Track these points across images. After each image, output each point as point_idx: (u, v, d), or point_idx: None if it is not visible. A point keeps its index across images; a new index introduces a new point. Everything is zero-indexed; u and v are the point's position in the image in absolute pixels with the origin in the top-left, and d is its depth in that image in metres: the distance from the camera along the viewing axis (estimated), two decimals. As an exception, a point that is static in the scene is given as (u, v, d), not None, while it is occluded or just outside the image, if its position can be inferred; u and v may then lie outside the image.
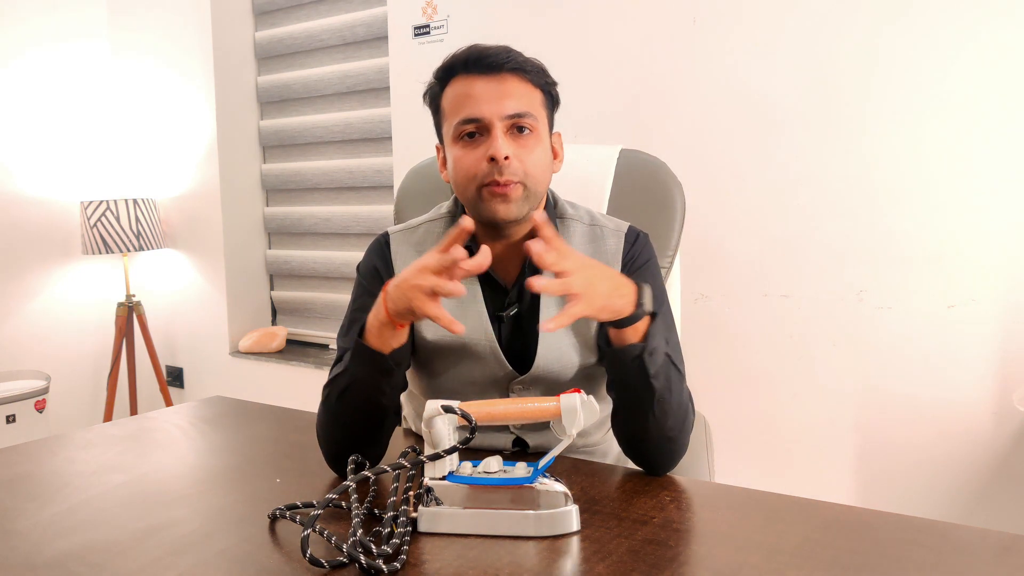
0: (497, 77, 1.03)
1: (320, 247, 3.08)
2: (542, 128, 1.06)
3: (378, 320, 0.96)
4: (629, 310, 0.94)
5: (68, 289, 3.19)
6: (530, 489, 0.82)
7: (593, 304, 0.90)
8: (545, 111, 1.07)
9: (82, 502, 0.94)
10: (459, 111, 1.03)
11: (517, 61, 1.03)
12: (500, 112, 1.01)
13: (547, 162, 1.07)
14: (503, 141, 1.01)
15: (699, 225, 1.93)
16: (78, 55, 3.19)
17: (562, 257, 0.89)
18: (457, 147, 1.04)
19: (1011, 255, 1.71)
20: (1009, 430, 1.74)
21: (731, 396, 2.03)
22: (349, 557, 0.75)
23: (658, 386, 0.96)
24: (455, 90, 1.05)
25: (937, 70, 1.75)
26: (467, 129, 1.03)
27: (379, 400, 0.99)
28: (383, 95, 2.80)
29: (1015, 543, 0.79)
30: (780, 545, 0.79)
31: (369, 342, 0.97)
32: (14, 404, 2.78)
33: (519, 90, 1.03)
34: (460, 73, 1.04)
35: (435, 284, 0.88)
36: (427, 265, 0.90)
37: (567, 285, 0.88)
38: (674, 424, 0.99)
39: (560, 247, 0.91)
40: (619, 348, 0.96)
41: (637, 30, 2.10)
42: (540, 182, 1.05)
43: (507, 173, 1.01)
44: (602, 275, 0.93)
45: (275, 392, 2.91)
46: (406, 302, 0.91)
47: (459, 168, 1.04)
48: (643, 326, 0.95)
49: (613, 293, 0.92)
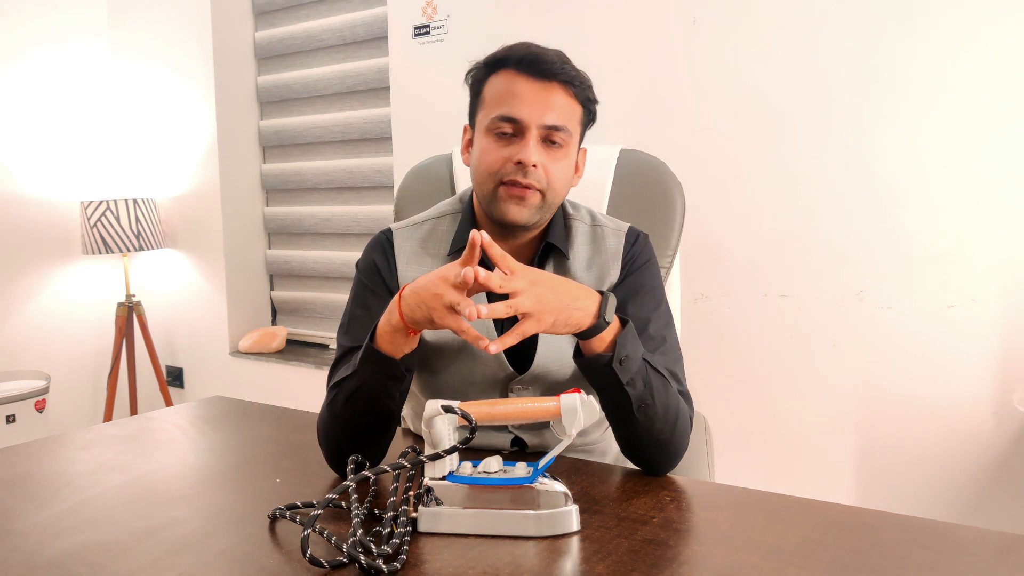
0: (546, 84, 1.02)
1: (320, 247, 3.08)
2: (573, 144, 1.06)
3: (391, 325, 0.94)
4: (588, 322, 0.93)
5: (68, 289, 3.19)
6: (530, 489, 0.82)
7: (544, 321, 0.90)
8: (580, 127, 1.08)
9: (82, 502, 0.94)
10: (500, 106, 1.03)
11: (569, 74, 1.03)
12: (539, 120, 1.01)
13: (569, 177, 1.08)
14: (535, 148, 1.01)
15: (699, 225, 1.93)
16: (78, 55, 3.19)
17: (509, 278, 0.89)
18: (488, 138, 1.04)
19: (1011, 255, 1.71)
20: (1009, 430, 1.74)
21: (731, 396, 2.03)
22: (349, 557, 0.75)
23: (634, 393, 0.95)
24: (501, 82, 1.04)
25: (937, 70, 1.75)
26: (503, 127, 1.03)
27: (387, 404, 0.98)
28: (383, 95, 2.80)
29: (1015, 543, 0.79)
30: (780, 545, 0.79)
31: (380, 347, 0.95)
32: (14, 404, 2.78)
33: (562, 102, 1.03)
34: (510, 68, 1.04)
35: (456, 300, 0.88)
36: (447, 277, 0.89)
37: (515, 306, 0.88)
38: (663, 428, 0.98)
39: (509, 265, 0.91)
40: (588, 358, 0.96)
41: (637, 30, 2.10)
42: (559, 195, 1.06)
43: (531, 178, 1.01)
44: (556, 289, 0.92)
45: (275, 392, 2.91)
46: (425, 312, 0.90)
47: (484, 160, 1.04)
48: (610, 335, 0.95)
49: (568, 307, 0.91)
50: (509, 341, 0.88)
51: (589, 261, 1.11)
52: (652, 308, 1.08)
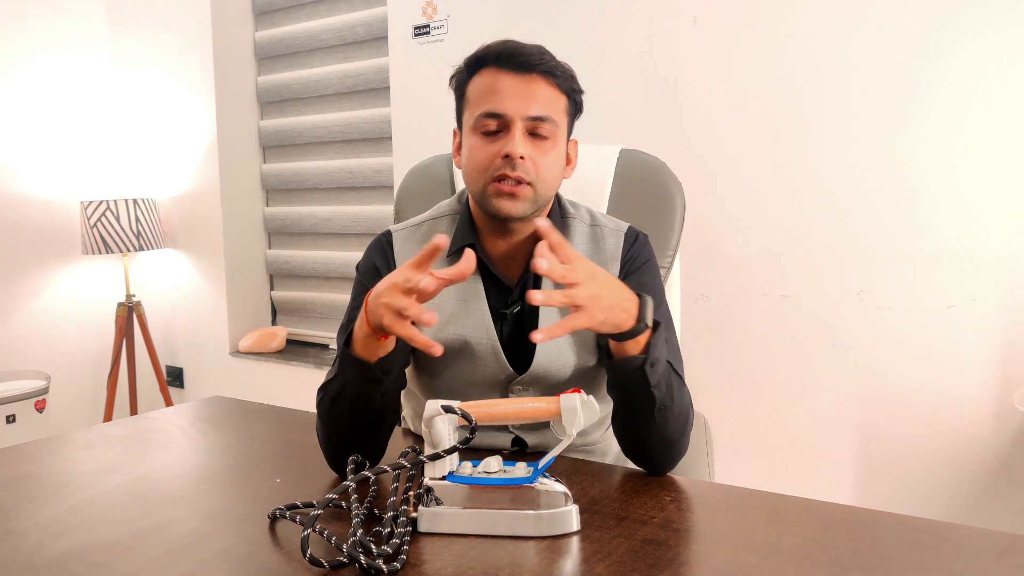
0: (526, 77, 1.02)
1: (320, 247, 3.08)
2: (560, 134, 1.06)
3: (362, 331, 0.92)
4: (630, 324, 0.91)
5: (68, 289, 3.19)
6: (530, 489, 0.82)
7: (595, 318, 0.87)
8: (567, 117, 1.07)
9: (82, 502, 0.94)
10: (483, 103, 1.03)
11: (548, 64, 1.03)
12: (523, 112, 1.01)
13: (559, 168, 1.07)
14: (520, 140, 1.01)
15: (699, 225, 1.93)
16: (78, 55, 3.19)
17: (570, 269, 0.86)
18: (475, 137, 1.04)
19: (1011, 255, 1.71)
20: (1009, 430, 1.74)
21: (731, 396, 2.03)
22: (349, 557, 0.75)
23: (659, 395, 0.95)
24: (482, 81, 1.04)
25: (937, 70, 1.75)
26: (488, 124, 1.03)
27: (370, 406, 0.97)
28: (383, 95, 2.80)
29: (1015, 543, 0.79)
30: (780, 545, 0.79)
31: (355, 351, 0.94)
32: (14, 404, 2.78)
33: (545, 93, 1.03)
34: (490, 65, 1.04)
35: (403, 306, 0.84)
36: (396, 283, 0.86)
37: (572, 297, 0.86)
38: (675, 428, 0.99)
39: (568, 254, 0.88)
40: (620, 359, 0.95)
41: (637, 30, 2.10)
42: (550, 187, 1.05)
43: (519, 170, 1.01)
44: (608, 286, 0.90)
45: (275, 392, 2.91)
46: (378, 319, 0.87)
47: (473, 159, 1.04)
48: (644, 338, 0.93)
49: (616, 306, 0.89)
50: (557, 332, 0.85)
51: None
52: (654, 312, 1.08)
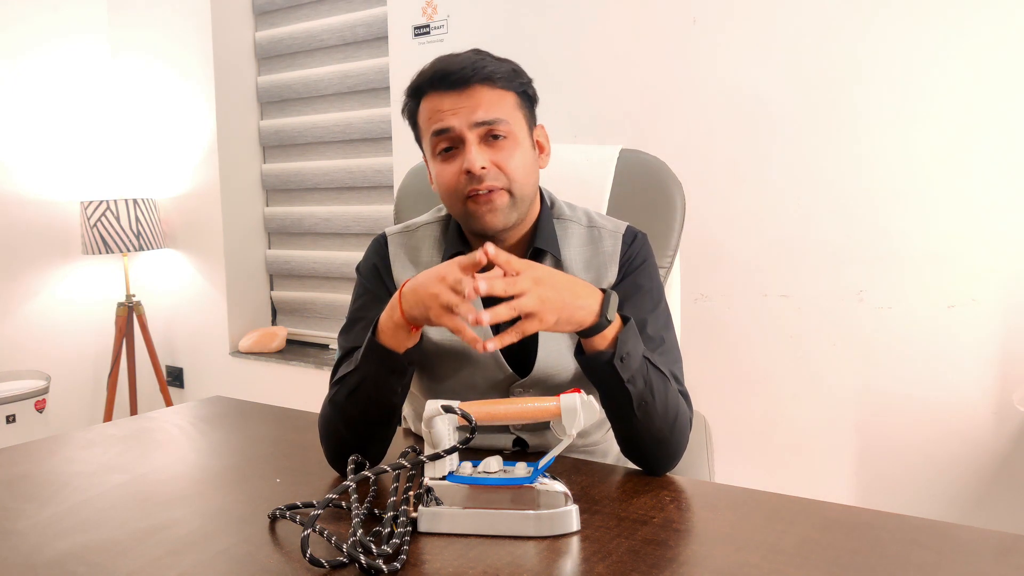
0: (464, 91, 1.02)
1: (320, 247, 3.08)
2: (518, 130, 1.05)
3: (392, 321, 0.95)
4: (591, 320, 0.93)
5: (68, 289, 3.19)
6: (530, 489, 0.82)
7: (546, 320, 0.90)
8: (521, 111, 1.07)
9: (82, 502, 0.94)
10: (431, 126, 1.04)
11: (484, 72, 1.02)
12: (469, 120, 1.01)
13: (530, 163, 1.07)
14: (477, 152, 1.01)
15: (699, 225, 1.93)
16: (78, 55, 3.19)
17: (511, 281, 0.89)
18: (436, 162, 1.05)
19: (1011, 255, 1.71)
20: (1009, 430, 1.74)
21: (731, 396, 2.03)
22: (349, 557, 0.75)
23: (635, 390, 0.95)
24: (427, 106, 1.06)
25: (937, 70, 1.75)
26: (442, 144, 1.04)
27: (389, 399, 0.99)
28: (383, 95, 2.80)
29: (1015, 543, 0.79)
30: (780, 545, 0.79)
31: (383, 341, 0.96)
32: (14, 404, 2.78)
33: (488, 98, 1.03)
34: (428, 91, 1.06)
35: (454, 302, 0.88)
36: (444, 278, 0.90)
37: (518, 307, 0.88)
38: (662, 426, 0.99)
39: (516, 267, 0.90)
40: (589, 355, 0.96)
41: (637, 30, 2.10)
42: (525, 185, 1.05)
43: (488, 180, 1.01)
44: (558, 287, 0.91)
45: (275, 392, 2.91)
46: (423, 309, 0.91)
47: (441, 183, 1.05)
48: (611, 333, 0.94)
49: (571, 305, 0.91)
50: (508, 339, 0.89)
51: (587, 263, 1.11)
52: (650, 309, 1.08)
